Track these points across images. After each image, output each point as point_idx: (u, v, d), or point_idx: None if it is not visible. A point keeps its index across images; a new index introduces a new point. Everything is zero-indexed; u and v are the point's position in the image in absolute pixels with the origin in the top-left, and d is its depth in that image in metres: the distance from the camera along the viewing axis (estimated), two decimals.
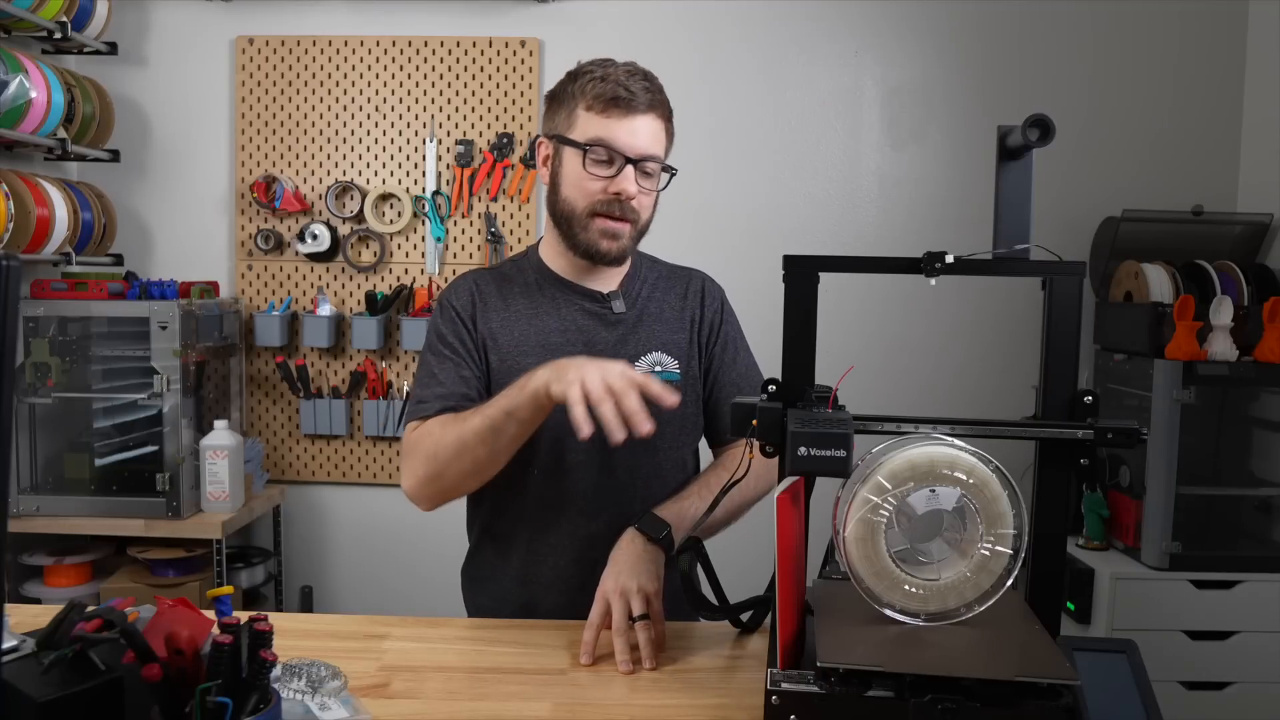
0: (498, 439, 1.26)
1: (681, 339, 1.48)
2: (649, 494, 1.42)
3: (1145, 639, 1.13)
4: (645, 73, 1.38)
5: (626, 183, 1.35)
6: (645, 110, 1.35)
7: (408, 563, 2.89)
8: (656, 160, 1.38)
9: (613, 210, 1.36)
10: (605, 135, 1.34)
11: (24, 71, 2.31)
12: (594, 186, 1.36)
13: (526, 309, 1.45)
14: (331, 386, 2.85)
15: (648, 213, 1.41)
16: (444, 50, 2.80)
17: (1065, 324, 1.06)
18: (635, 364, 1.43)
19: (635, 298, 1.48)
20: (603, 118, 1.34)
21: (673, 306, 1.50)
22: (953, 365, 2.83)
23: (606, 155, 1.34)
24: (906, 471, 0.99)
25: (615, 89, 1.33)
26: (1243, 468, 2.46)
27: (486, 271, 1.51)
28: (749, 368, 1.52)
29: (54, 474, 2.55)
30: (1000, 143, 1.07)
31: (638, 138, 1.35)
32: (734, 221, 2.80)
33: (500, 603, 1.47)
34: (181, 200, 2.87)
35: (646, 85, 1.37)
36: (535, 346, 1.42)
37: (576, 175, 1.36)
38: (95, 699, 0.83)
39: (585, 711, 1.07)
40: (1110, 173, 2.77)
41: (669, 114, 1.41)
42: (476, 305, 1.44)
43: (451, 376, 1.39)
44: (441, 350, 1.42)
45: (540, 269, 1.48)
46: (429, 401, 1.37)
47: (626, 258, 1.44)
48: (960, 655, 0.96)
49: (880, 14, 2.80)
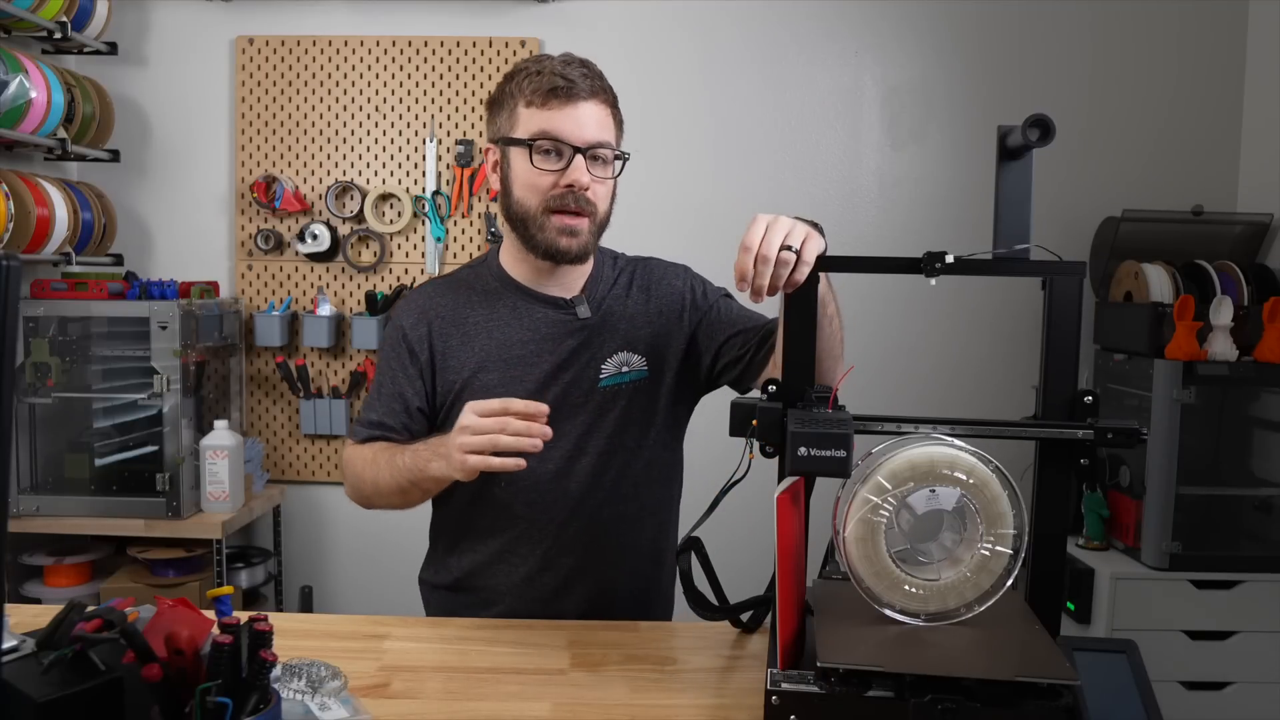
0: (406, 497, 1.34)
1: (647, 333, 1.44)
2: (621, 495, 1.42)
3: (1145, 639, 1.13)
4: (582, 60, 1.35)
5: (578, 173, 1.31)
6: (587, 97, 1.32)
7: (408, 563, 2.86)
8: (607, 147, 1.35)
9: (567, 204, 1.32)
10: (549, 127, 1.31)
11: (24, 71, 2.31)
12: (545, 182, 1.32)
13: (485, 320, 1.42)
14: (331, 386, 2.85)
15: (605, 204, 1.37)
16: (444, 50, 2.80)
17: (1065, 324, 1.06)
18: (602, 366, 1.41)
19: (600, 300, 1.44)
20: (544, 110, 1.31)
21: (637, 302, 1.45)
22: (953, 365, 2.83)
23: (553, 147, 1.31)
24: (906, 471, 0.99)
25: (553, 80, 1.31)
26: (1243, 468, 2.46)
27: (442, 282, 1.48)
28: (741, 307, 1.45)
29: (54, 474, 2.55)
30: (1000, 143, 1.07)
31: (583, 126, 1.31)
32: (734, 221, 2.77)
33: (462, 609, 1.46)
34: (181, 200, 2.87)
35: (585, 72, 1.33)
36: (497, 360, 1.39)
37: (525, 173, 1.33)
38: (95, 699, 0.83)
39: (585, 711, 1.07)
40: (1110, 173, 2.77)
41: (613, 100, 1.37)
42: (431, 325, 1.41)
43: (385, 403, 1.41)
44: (384, 371, 1.43)
45: (500, 276, 1.45)
46: (362, 425, 1.42)
47: (589, 254, 1.39)
48: (960, 655, 0.96)
49: (880, 14, 2.80)
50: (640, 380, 1.43)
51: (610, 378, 1.41)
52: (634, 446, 1.43)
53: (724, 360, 1.42)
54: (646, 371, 1.43)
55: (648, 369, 1.43)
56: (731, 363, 1.41)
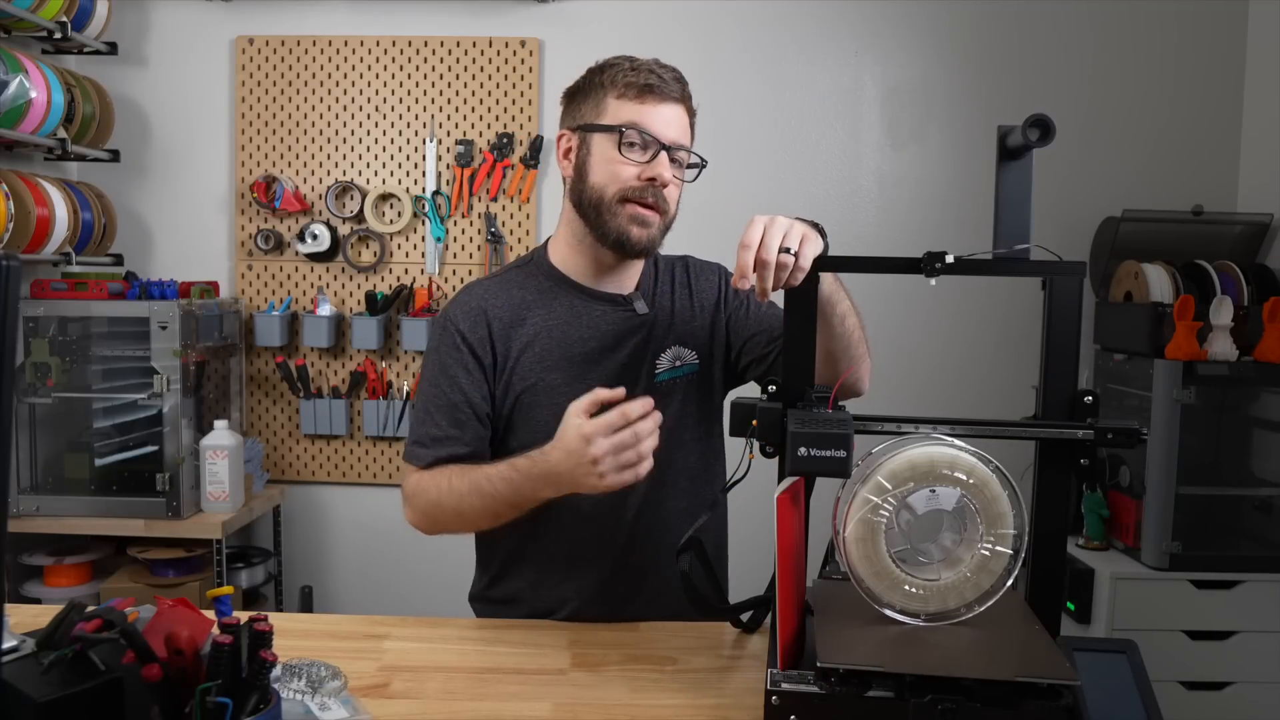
0: (496, 519, 1.30)
1: (695, 327, 1.45)
2: (680, 489, 1.42)
3: (1145, 639, 1.13)
4: (673, 67, 1.38)
5: (662, 168, 1.32)
6: (677, 99, 1.35)
7: (408, 563, 2.88)
8: (687, 150, 1.37)
9: (645, 197, 1.32)
10: (640, 120, 1.32)
11: (24, 71, 2.31)
12: (627, 172, 1.32)
13: (545, 320, 1.39)
14: (331, 386, 2.85)
15: (675, 205, 1.38)
16: (444, 50, 2.80)
17: (1065, 324, 1.06)
18: (657, 361, 1.41)
19: (652, 296, 1.45)
20: (636, 104, 1.32)
21: (682, 297, 1.47)
22: (953, 365, 2.83)
23: (641, 140, 1.32)
24: (906, 472, 0.99)
25: (648, 76, 1.33)
26: (1243, 468, 2.46)
27: (493, 282, 1.44)
28: (771, 305, 1.44)
29: (54, 474, 2.55)
30: (1000, 143, 1.07)
31: (670, 125, 1.34)
32: (734, 221, 2.77)
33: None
34: (181, 200, 2.87)
35: (676, 77, 1.37)
36: (560, 360, 1.38)
37: (609, 160, 1.33)
38: (95, 699, 0.83)
39: (585, 711, 1.07)
40: (1110, 173, 2.77)
41: (694, 111, 1.40)
42: (491, 327, 1.38)
43: (448, 414, 1.35)
44: (441, 379, 1.37)
45: (553, 274, 1.43)
46: (426, 446, 1.36)
47: (654, 249, 1.39)
48: (960, 655, 0.96)
49: (880, 14, 2.80)
50: (693, 374, 1.44)
51: (666, 372, 1.42)
52: (690, 441, 1.44)
53: (747, 358, 1.45)
54: (698, 365, 1.45)
55: (699, 363, 1.45)
56: (755, 361, 1.44)
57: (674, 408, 1.41)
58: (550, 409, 1.34)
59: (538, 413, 1.36)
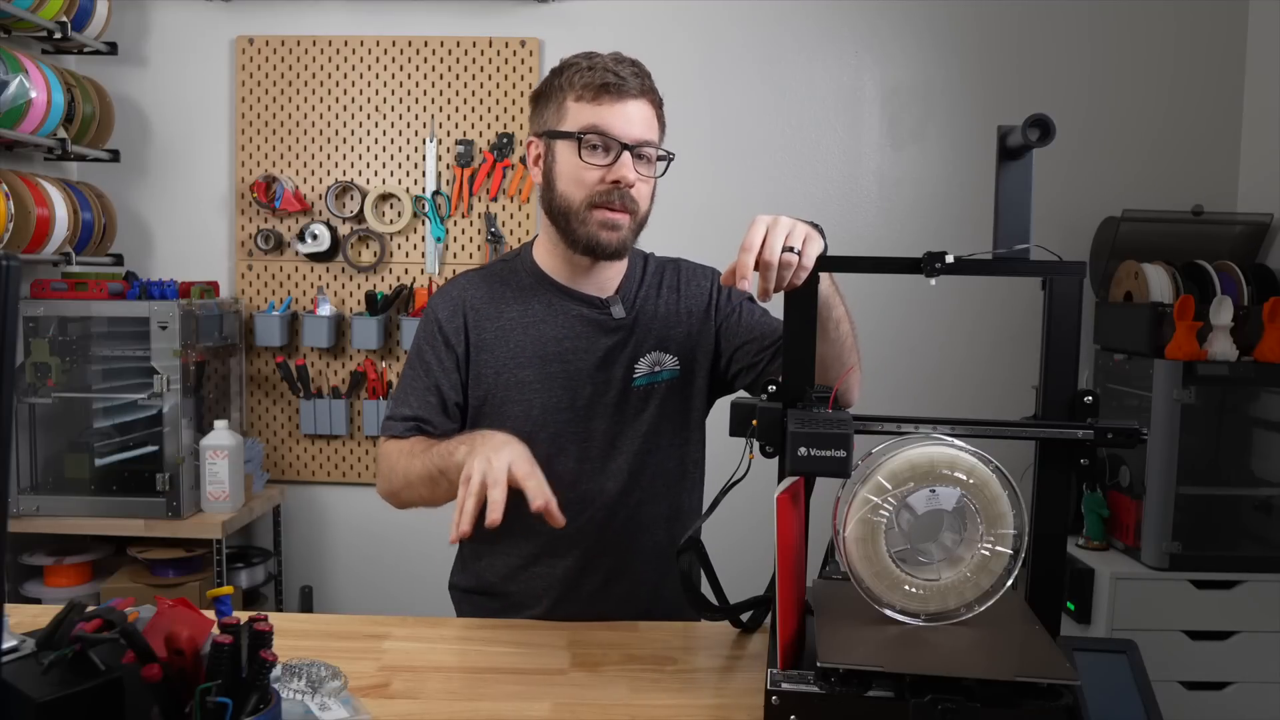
0: (435, 488, 1.30)
1: (679, 332, 1.44)
2: (655, 494, 1.43)
3: (1145, 639, 1.13)
4: (632, 60, 1.35)
5: (625, 169, 1.31)
6: (637, 95, 1.32)
7: (408, 563, 2.88)
8: (652, 146, 1.35)
9: (612, 201, 1.32)
10: (598, 122, 1.31)
11: (24, 71, 2.31)
12: (591, 176, 1.32)
13: (521, 316, 1.41)
14: (331, 386, 2.85)
15: (646, 203, 1.37)
16: (444, 50, 2.80)
17: (1065, 324, 1.06)
18: (635, 366, 1.42)
19: (633, 300, 1.44)
20: (594, 105, 1.31)
21: (668, 302, 1.46)
22: (953, 365, 2.83)
23: (602, 142, 1.31)
24: (906, 472, 0.99)
25: (604, 75, 1.31)
26: (1243, 468, 2.46)
27: (476, 275, 1.47)
28: (764, 313, 1.46)
29: (54, 474, 2.55)
30: (1000, 143, 1.07)
31: (632, 124, 1.31)
32: (734, 221, 2.77)
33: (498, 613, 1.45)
34: (181, 200, 2.87)
35: (635, 70, 1.34)
36: (532, 357, 1.39)
37: (572, 167, 1.33)
38: (95, 699, 0.83)
39: (585, 711, 1.07)
40: (1110, 173, 2.77)
41: (659, 101, 1.38)
42: (468, 317, 1.41)
43: (420, 396, 1.40)
44: (417, 364, 1.42)
45: (535, 272, 1.44)
46: (397, 420, 1.40)
47: (626, 251, 1.39)
48: (960, 655, 0.96)
49: (880, 14, 2.80)
50: (672, 380, 1.43)
51: (643, 377, 1.42)
52: (667, 446, 1.44)
53: (737, 366, 1.43)
54: (678, 371, 1.44)
55: (679, 369, 1.44)
56: (745, 369, 1.43)
57: (650, 413, 1.42)
58: (521, 404, 1.38)
59: (509, 407, 1.39)
